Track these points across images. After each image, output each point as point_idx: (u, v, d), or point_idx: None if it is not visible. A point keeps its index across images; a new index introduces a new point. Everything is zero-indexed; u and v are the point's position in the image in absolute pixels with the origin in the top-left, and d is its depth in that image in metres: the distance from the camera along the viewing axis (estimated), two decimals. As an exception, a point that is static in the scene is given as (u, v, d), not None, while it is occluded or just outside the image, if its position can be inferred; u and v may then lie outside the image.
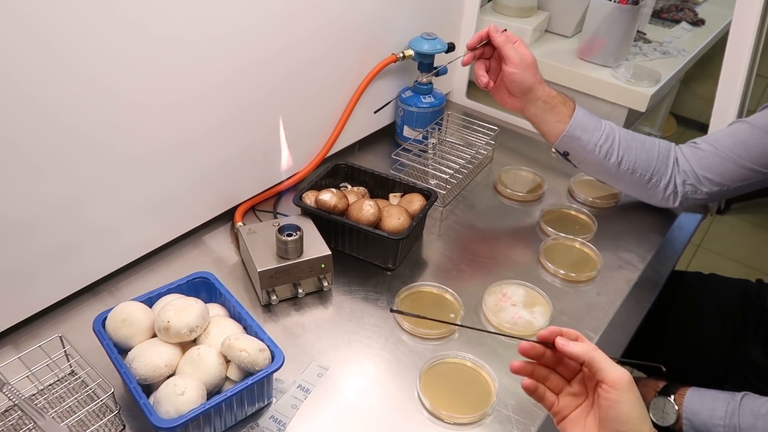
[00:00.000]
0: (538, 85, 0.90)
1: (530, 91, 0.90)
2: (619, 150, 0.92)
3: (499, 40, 0.88)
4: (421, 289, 0.88)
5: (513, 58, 0.88)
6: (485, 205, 1.08)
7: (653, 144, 0.95)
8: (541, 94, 0.91)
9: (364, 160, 1.16)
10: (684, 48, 1.48)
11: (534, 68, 0.90)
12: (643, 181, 0.95)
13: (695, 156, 0.94)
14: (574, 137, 0.92)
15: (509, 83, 0.90)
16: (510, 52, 0.88)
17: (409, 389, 0.75)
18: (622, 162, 0.93)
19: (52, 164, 0.71)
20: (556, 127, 0.92)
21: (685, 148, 0.96)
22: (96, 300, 0.84)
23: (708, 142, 0.94)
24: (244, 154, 0.94)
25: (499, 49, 0.88)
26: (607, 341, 0.83)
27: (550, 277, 0.93)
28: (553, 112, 0.92)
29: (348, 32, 1.02)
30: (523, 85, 0.89)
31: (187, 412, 0.62)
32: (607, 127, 0.93)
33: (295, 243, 0.81)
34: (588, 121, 0.92)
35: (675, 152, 0.96)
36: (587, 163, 0.95)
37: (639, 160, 0.94)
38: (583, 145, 0.92)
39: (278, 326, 0.82)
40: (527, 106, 0.92)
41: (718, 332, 1.01)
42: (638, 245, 1.00)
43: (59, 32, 0.65)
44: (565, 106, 0.92)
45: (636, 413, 0.50)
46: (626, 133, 0.94)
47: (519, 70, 0.88)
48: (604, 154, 0.93)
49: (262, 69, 0.90)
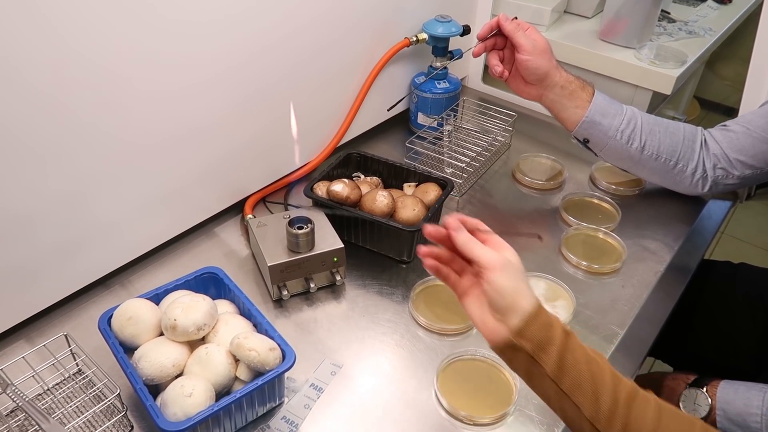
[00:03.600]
0: (554, 70, 0.87)
1: (546, 77, 0.87)
2: (642, 134, 0.89)
3: (509, 28, 0.86)
4: (437, 283, 0.85)
5: (525, 45, 0.85)
6: (503, 194, 1.04)
7: (678, 128, 0.91)
8: (558, 79, 0.87)
9: (377, 148, 1.13)
10: (710, 27, 1.42)
11: (548, 53, 0.87)
12: (668, 167, 0.92)
13: (726, 138, 0.90)
14: (594, 122, 0.88)
15: (524, 71, 0.87)
16: (521, 39, 0.85)
17: (426, 388, 0.72)
18: (645, 147, 0.90)
19: (56, 156, 0.69)
20: (575, 113, 0.89)
21: (714, 132, 0.92)
22: (108, 294, 0.82)
23: (739, 124, 0.90)
24: (252, 144, 0.91)
25: (510, 37, 0.86)
26: (634, 336, 0.79)
27: (573, 269, 0.89)
28: (571, 98, 0.88)
29: (359, 16, 0.98)
30: (538, 72, 0.86)
31: (195, 414, 0.59)
32: (629, 112, 0.90)
33: (306, 236, 0.79)
34: (608, 106, 0.89)
35: (703, 135, 0.92)
36: (608, 149, 0.91)
37: (663, 145, 0.90)
38: (604, 130, 0.89)
39: (290, 322, 0.80)
40: (545, 93, 0.89)
41: (749, 325, 0.97)
42: (665, 234, 0.95)
43: (61, 17, 0.62)
44: (584, 90, 0.89)
45: (510, 287, 0.56)
46: (649, 118, 0.91)
47: (532, 57, 0.85)
48: (626, 140, 0.89)
49: (270, 55, 0.86)
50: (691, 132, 0.92)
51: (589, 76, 1.29)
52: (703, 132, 0.93)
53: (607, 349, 0.77)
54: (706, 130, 0.93)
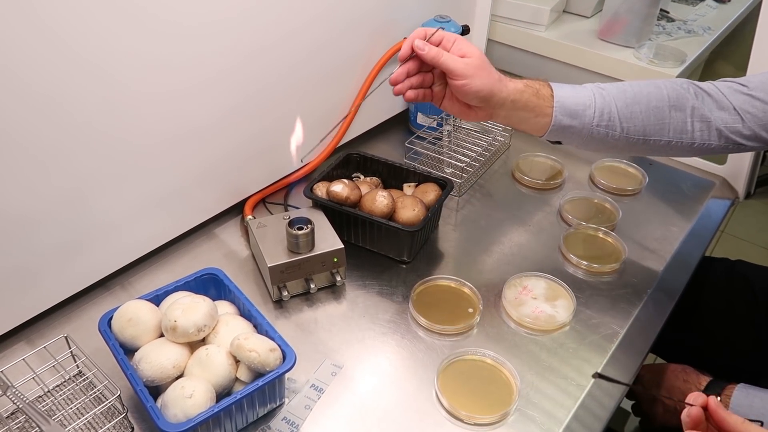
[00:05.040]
0: (497, 84, 0.71)
1: (491, 96, 0.71)
2: (621, 122, 0.75)
3: (430, 56, 0.70)
4: (437, 283, 0.85)
5: (456, 69, 0.70)
6: (503, 194, 1.04)
7: (662, 98, 0.75)
8: (506, 93, 0.72)
9: (377, 149, 1.13)
10: (709, 26, 1.42)
11: (486, 68, 0.71)
12: (659, 146, 0.78)
13: (747, 103, 0.75)
14: (563, 127, 0.75)
15: (463, 96, 0.73)
16: (451, 64, 0.70)
17: (426, 388, 0.72)
18: (629, 132, 0.76)
19: (56, 157, 0.68)
20: (537, 122, 0.75)
21: (727, 90, 0.77)
22: (108, 295, 0.82)
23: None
24: (251, 145, 0.91)
25: (435, 65, 0.71)
26: (634, 335, 0.79)
27: (573, 269, 0.89)
28: (527, 109, 0.73)
29: (357, 16, 0.98)
30: (479, 94, 0.71)
31: (196, 415, 0.59)
32: (599, 100, 0.75)
33: (306, 237, 0.79)
34: (574, 103, 0.74)
35: (695, 98, 0.76)
36: (587, 146, 0.79)
37: (648, 125, 0.75)
38: (577, 131, 0.75)
39: (290, 323, 0.80)
40: (494, 111, 0.74)
41: (746, 322, 0.97)
42: (664, 233, 0.96)
43: (59, 18, 0.62)
44: (540, 96, 0.73)
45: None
46: (624, 96, 0.75)
47: (468, 80, 0.70)
48: (603, 133, 0.75)
49: (269, 56, 0.86)
50: (677, 96, 0.75)
51: (588, 75, 1.29)
52: (696, 91, 0.76)
53: (607, 349, 0.77)
54: (705, 86, 0.78)
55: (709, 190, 1.06)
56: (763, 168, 2.08)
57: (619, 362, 0.76)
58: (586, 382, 0.73)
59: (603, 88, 0.76)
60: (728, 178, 1.08)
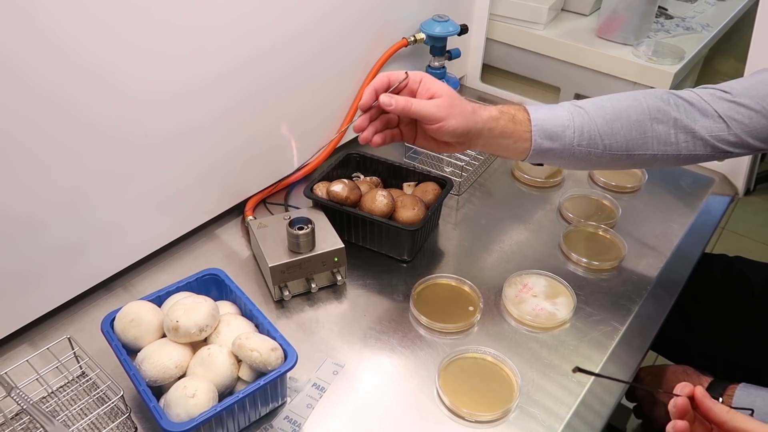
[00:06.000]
0: (473, 118, 0.70)
1: (468, 131, 0.70)
2: (602, 138, 0.74)
3: (400, 107, 0.68)
4: (438, 282, 0.85)
5: (429, 115, 0.68)
6: (503, 193, 1.04)
7: (642, 111, 0.74)
8: (482, 123, 0.71)
9: (377, 149, 1.13)
10: (708, 23, 1.42)
11: (457, 105, 0.69)
12: (644, 159, 0.76)
13: (733, 111, 0.74)
14: (543, 150, 0.73)
15: (439, 137, 0.72)
16: (421, 111, 0.68)
17: (427, 386, 0.72)
18: (611, 149, 0.74)
19: (57, 158, 0.69)
20: (516, 148, 0.73)
21: (710, 98, 0.75)
22: (111, 296, 0.83)
23: (751, 98, 0.73)
24: (251, 145, 0.92)
25: (407, 115, 0.70)
26: (634, 332, 0.80)
27: (573, 266, 0.89)
28: (504, 135, 0.72)
29: (357, 16, 0.98)
30: (456, 132, 0.69)
31: (198, 415, 0.60)
32: (577, 120, 0.73)
33: (307, 237, 0.79)
34: (553, 125, 0.73)
35: (677, 110, 0.74)
36: (570, 165, 0.78)
37: (630, 140, 0.74)
38: (558, 153, 0.74)
39: (291, 322, 0.80)
40: (471, 142, 0.73)
41: (747, 320, 0.97)
42: (664, 231, 0.96)
43: (60, 20, 0.62)
44: (515, 121, 0.72)
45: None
46: (603, 114, 0.74)
47: (443, 122, 0.68)
48: (585, 152, 0.74)
49: (269, 56, 0.87)
50: (657, 108, 0.74)
51: (587, 73, 1.29)
52: (677, 102, 0.74)
53: (608, 346, 0.77)
54: (685, 94, 0.75)
55: (708, 187, 1.06)
56: (763, 165, 2.09)
57: (620, 359, 0.76)
58: (587, 379, 0.73)
59: (580, 106, 0.75)
60: (728, 175, 1.08)
